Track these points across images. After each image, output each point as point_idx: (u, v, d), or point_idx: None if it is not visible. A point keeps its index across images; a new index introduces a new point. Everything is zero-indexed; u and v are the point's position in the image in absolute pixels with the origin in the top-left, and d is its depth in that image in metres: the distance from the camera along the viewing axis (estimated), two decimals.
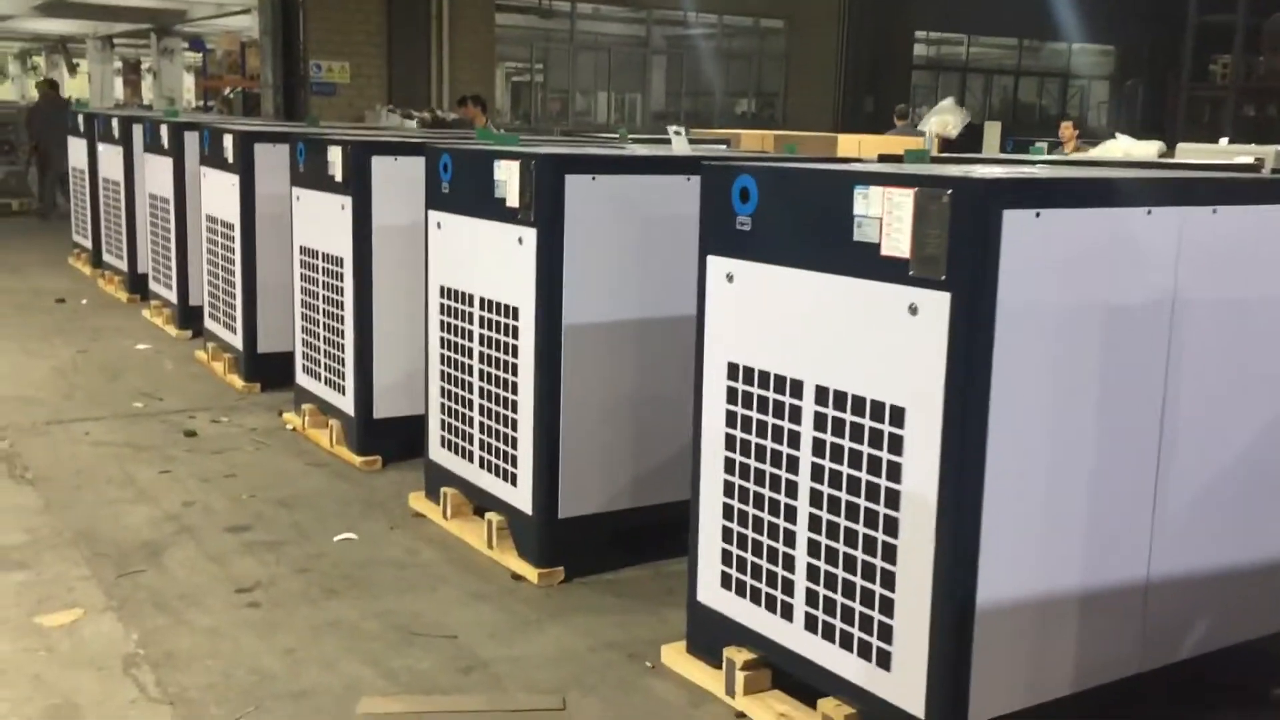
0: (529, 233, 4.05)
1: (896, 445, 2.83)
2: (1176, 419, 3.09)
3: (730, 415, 3.30)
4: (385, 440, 5.43)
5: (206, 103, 20.30)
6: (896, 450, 2.83)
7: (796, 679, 3.20)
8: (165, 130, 8.02)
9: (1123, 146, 8.96)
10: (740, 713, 3.27)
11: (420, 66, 17.24)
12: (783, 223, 3.12)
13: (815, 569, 3.07)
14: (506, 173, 4.12)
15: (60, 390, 6.67)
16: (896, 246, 2.79)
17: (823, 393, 3.01)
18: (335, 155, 5.35)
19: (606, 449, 4.19)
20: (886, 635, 2.89)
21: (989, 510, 2.75)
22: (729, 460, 3.31)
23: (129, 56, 31.18)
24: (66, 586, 4.03)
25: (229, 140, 6.61)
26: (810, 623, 3.09)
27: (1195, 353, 3.09)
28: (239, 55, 18.46)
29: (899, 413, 2.82)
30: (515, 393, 4.19)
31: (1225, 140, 9.06)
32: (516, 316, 4.15)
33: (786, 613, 3.16)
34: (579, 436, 4.13)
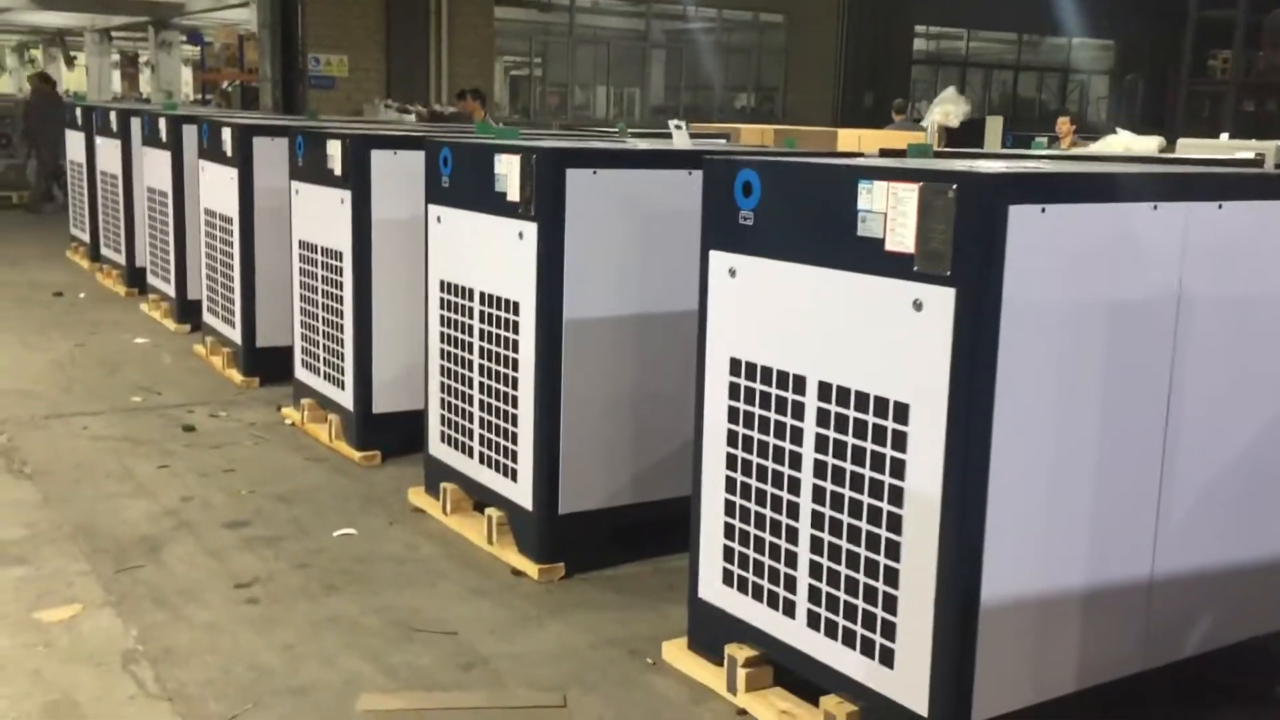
0: (530, 227, 4.03)
1: (900, 442, 2.82)
2: (1181, 416, 3.07)
3: (732, 411, 3.28)
4: (384, 435, 5.42)
5: (204, 96, 20.27)
6: (900, 447, 2.82)
7: (798, 676, 3.18)
8: (163, 123, 7.99)
9: (1123, 141, 8.93)
10: (742, 710, 3.25)
11: (419, 60, 17.22)
12: (786, 217, 3.10)
13: (818, 566, 3.05)
14: (507, 167, 4.10)
15: (58, 384, 6.65)
16: (901, 242, 2.77)
17: (826, 389, 3.00)
18: (335, 149, 5.32)
19: (607, 445, 4.18)
20: (890, 632, 2.87)
21: (993, 507, 2.73)
22: (731, 456, 3.30)
23: (127, 50, 31.11)
24: (65, 581, 4.01)
25: (228, 133, 6.59)
26: (813, 620, 3.08)
27: (1199, 349, 3.08)
28: (237, 49, 18.45)
29: (903, 409, 2.81)
30: (516, 388, 4.18)
31: (1225, 135, 9.04)
32: (517, 311, 4.14)
33: (789, 610, 3.15)
34: (579, 432, 4.11)
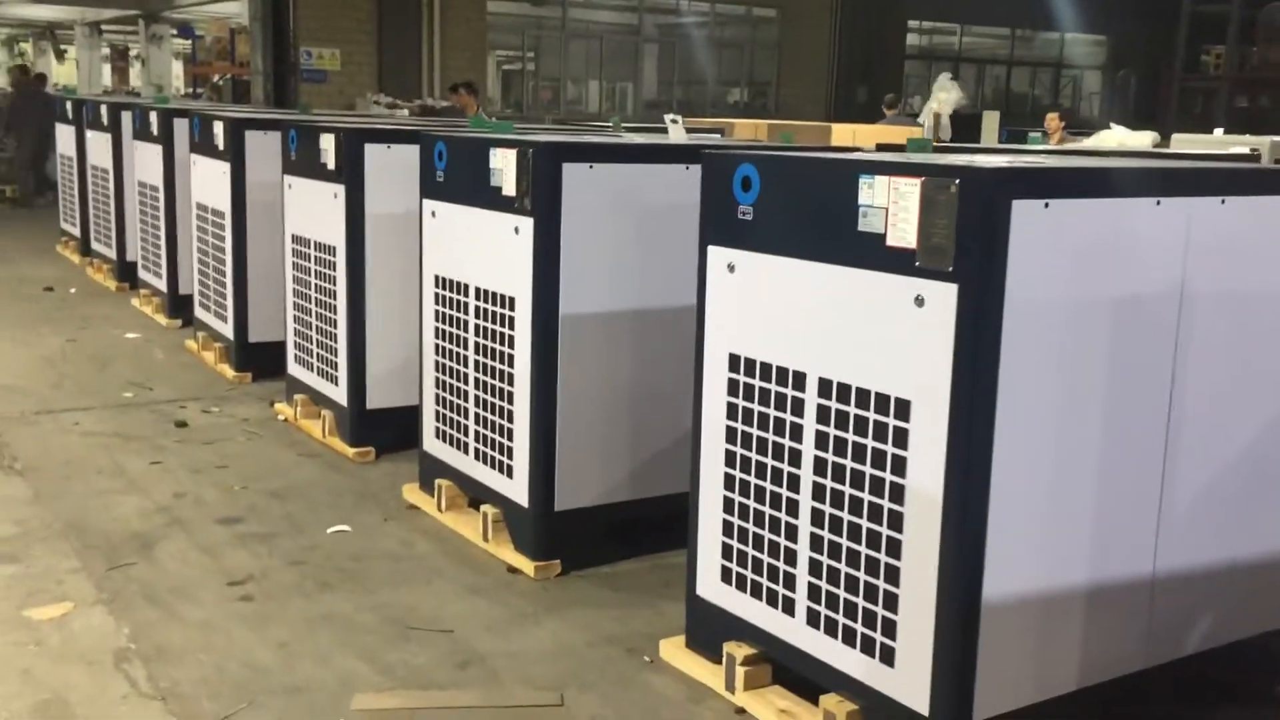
0: (525, 222, 4.00)
1: (901, 439, 2.79)
2: (1182, 413, 3.05)
3: (731, 408, 3.26)
4: (378, 431, 5.38)
5: (195, 90, 20.19)
6: (901, 444, 2.79)
7: (798, 675, 3.16)
8: (155, 117, 7.93)
9: (1117, 137, 8.92)
10: (741, 708, 3.23)
11: (411, 54, 17.16)
12: (785, 212, 3.07)
13: (818, 564, 3.03)
14: (503, 161, 4.07)
15: (49, 380, 6.60)
16: (902, 237, 2.74)
17: (826, 385, 2.97)
18: (328, 143, 5.29)
19: (603, 441, 4.15)
20: (890, 631, 2.85)
21: (995, 505, 2.71)
22: (730, 453, 3.27)
23: (117, 43, 30.96)
24: (56, 579, 3.98)
25: (220, 127, 6.54)
26: (812, 618, 3.06)
27: (1201, 346, 3.05)
28: (228, 42, 18.35)
29: (904, 406, 2.78)
30: (511, 384, 4.15)
31: (1220, 131, 9.03)
32: (513, 306, 4.10)
33: (788, 608, 3.12)
34: (576, 428, 4.08)
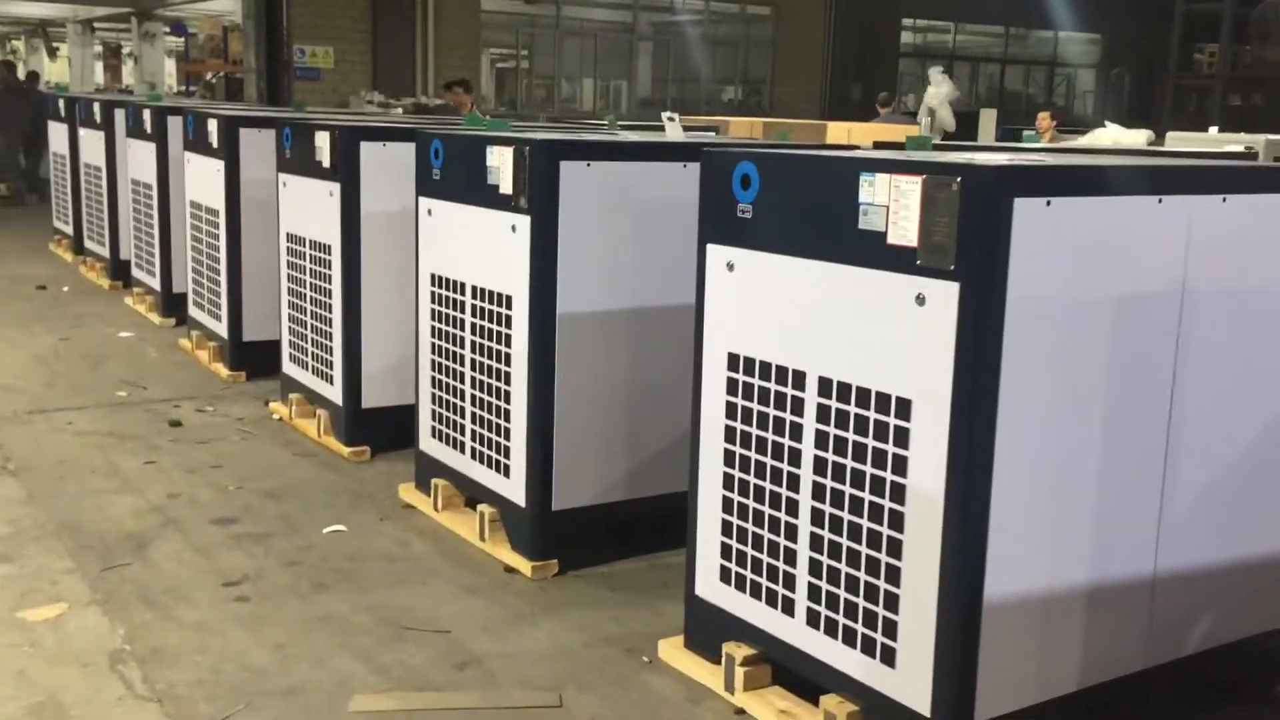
0: (523, 220, 3.98)
1: (902, 438, 2.78)
2: (1184, 412, 3.04)
3: (730, 407, 3.24)
4: (374, 430, 5.36)
5: (188, 88, 20.14)
6: (902, 443, 2.78)
7: (797, 675, 3.14)
8: (148, 115, 7.90)
9: (1112, 135, 8.92)
10: (740, 709, 3.21)
11: (405, 52, 17.13)
12: (785, 210, 3.06)
13: (818, 564, 3.01)
14: (500, 159, 4.05)
15: (42, 379, 6.57)
16: (903, 235, 2.73)
17: (826, 384, 2.96)
18: (323, 141, 5.26)
19: (601, 440, 4.13)
20: (891, 631, 2.84)
21: (997, 504, 2.70)
22: (729, 453, 3.25)
23: (109, 41, 30.88)
24: (50, 580, 3.95)
25: (214, 125, 6.51)
26: (812, 618, 3.04)
27: (1202, 345, 3.04)
28: (221, 40, 18.31)
29: (905, 405, 2.77)
30: (508, 383, 4.13)
31: (1214, 129, 9.03)
32: (510, 305, 4.08)
33: (788, 608, 3.11)
34: (573, 427, 4.06)
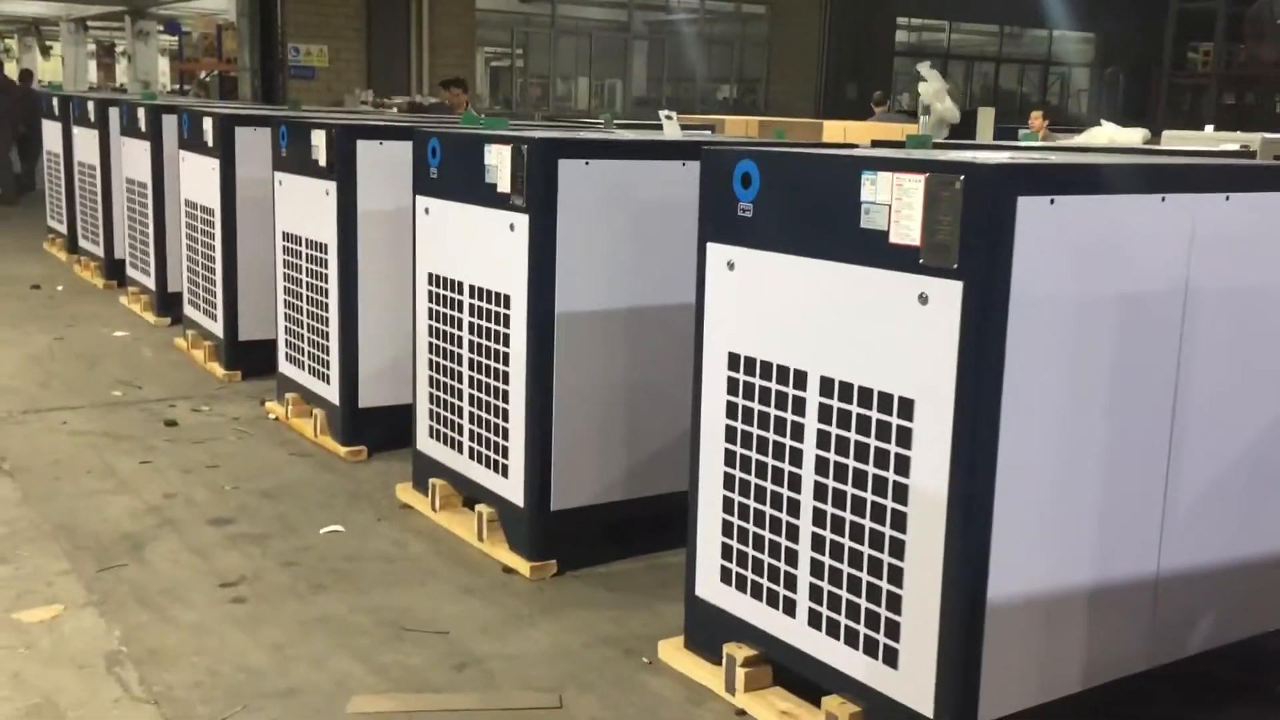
0: (521, 219, 3.96)
1: (905, 438, 2.76)
2: (1187, 412, 3.03)
3: (731, 406, 3.22)
4: (370, 430, 5.34)
5: (182, 86, 20.10)
6: (905, 443, 2.76)
7: (799, 676, 3.13)
8: (143, 113, 7.87)
9: (1107, 134, 8.92)
10: (741, 710, 3.20)
11: (400, 51, 17.10)
12: (786, 209, 3.04)
13: (819, 564, 3.00)
14: (497, 157, 4.03)
15: (36, 378, 6.54)
16: (906, 234, 2.71)
17: (828, 384, 2.94)
18: (319, 139, 5.23)
19: (599, 440, 4.11)
20: (894, 632, 2.82)
21: (1000, 504, 2.68)
22: (729, 453, 3.24)
23: (103, 39, 30.84)
24: (46, 581, 3.93)
25: (209, 123, 6.48)
26: (814, 619, 3.02)
27: (1206, 344, 3.03)
28: (215, 38, 18.28)
29: (907, 405, 2.75)
30: (506, 382, 4.11)
31: (1210, 128, 9.03)
32: (508, 304, 4.06)
33: (789, 608, 3.09)
34: (572, 427, 4.05)
